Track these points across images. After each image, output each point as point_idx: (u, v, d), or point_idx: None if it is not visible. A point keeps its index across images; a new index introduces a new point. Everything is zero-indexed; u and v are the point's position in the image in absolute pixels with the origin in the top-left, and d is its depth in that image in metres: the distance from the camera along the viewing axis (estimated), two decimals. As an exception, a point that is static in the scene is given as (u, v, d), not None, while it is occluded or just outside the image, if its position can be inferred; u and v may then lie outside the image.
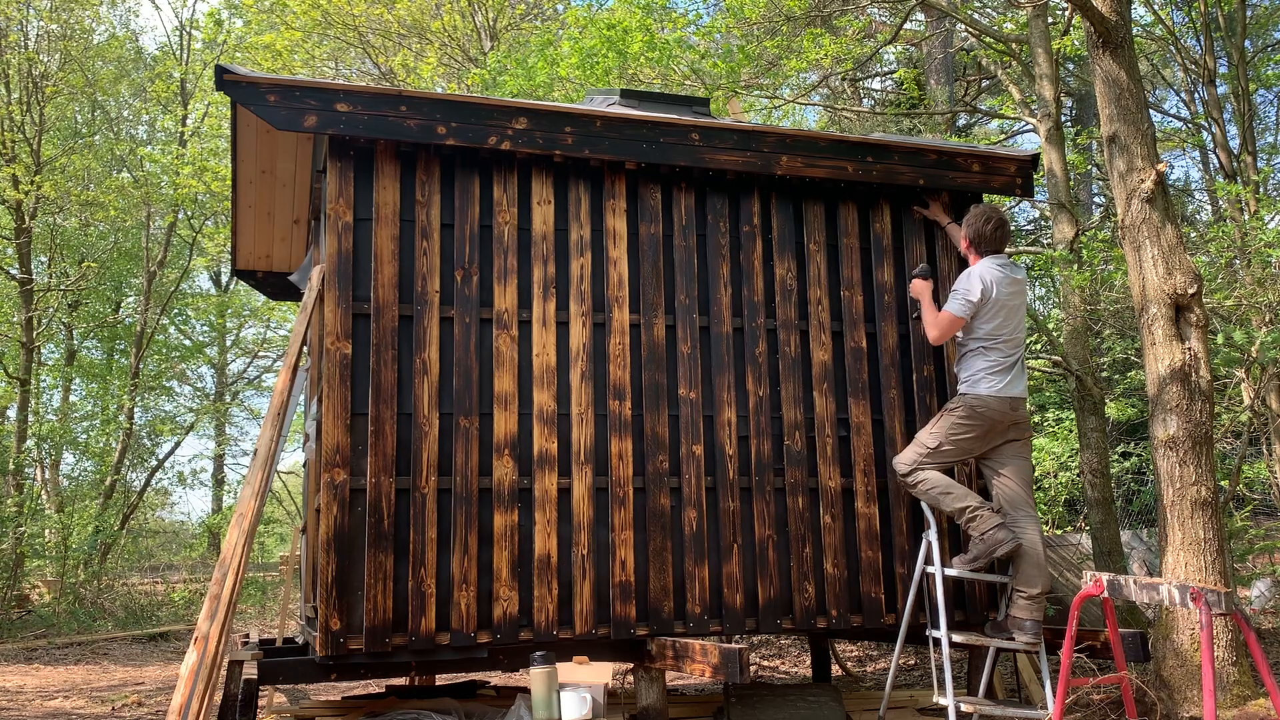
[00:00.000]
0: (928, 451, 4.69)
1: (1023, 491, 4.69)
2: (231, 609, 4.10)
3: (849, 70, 10.80)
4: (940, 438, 4.67)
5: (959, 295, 4.71)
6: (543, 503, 4.50)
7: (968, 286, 4.70)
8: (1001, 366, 4.66)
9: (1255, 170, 8.72)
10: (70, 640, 10.43)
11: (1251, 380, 7.23)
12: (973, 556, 4.57)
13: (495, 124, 4.61)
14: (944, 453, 4.68)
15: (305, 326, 4.76)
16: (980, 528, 4.52)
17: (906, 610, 4.69)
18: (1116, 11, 5.05)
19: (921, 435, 4.77)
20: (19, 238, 13.87)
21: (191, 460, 31.47)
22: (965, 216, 4.95)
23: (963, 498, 4.59)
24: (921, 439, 4.75)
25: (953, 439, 4.66)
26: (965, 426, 4.64)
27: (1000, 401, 4.62)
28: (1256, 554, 7.76)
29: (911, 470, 4.72)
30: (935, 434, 4.70)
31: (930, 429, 4.74)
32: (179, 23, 28.66)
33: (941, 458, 4.69)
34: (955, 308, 4.70)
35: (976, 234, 4.84)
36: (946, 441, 4.66)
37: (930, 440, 4.70)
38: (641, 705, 4.52)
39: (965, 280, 4.74)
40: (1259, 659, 3.36)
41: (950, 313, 4.72)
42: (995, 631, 4.62)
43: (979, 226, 4.83)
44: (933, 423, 4.76)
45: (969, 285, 4.70)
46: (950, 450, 4.68)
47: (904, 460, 4.77)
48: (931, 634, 4.58)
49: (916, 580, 4.67)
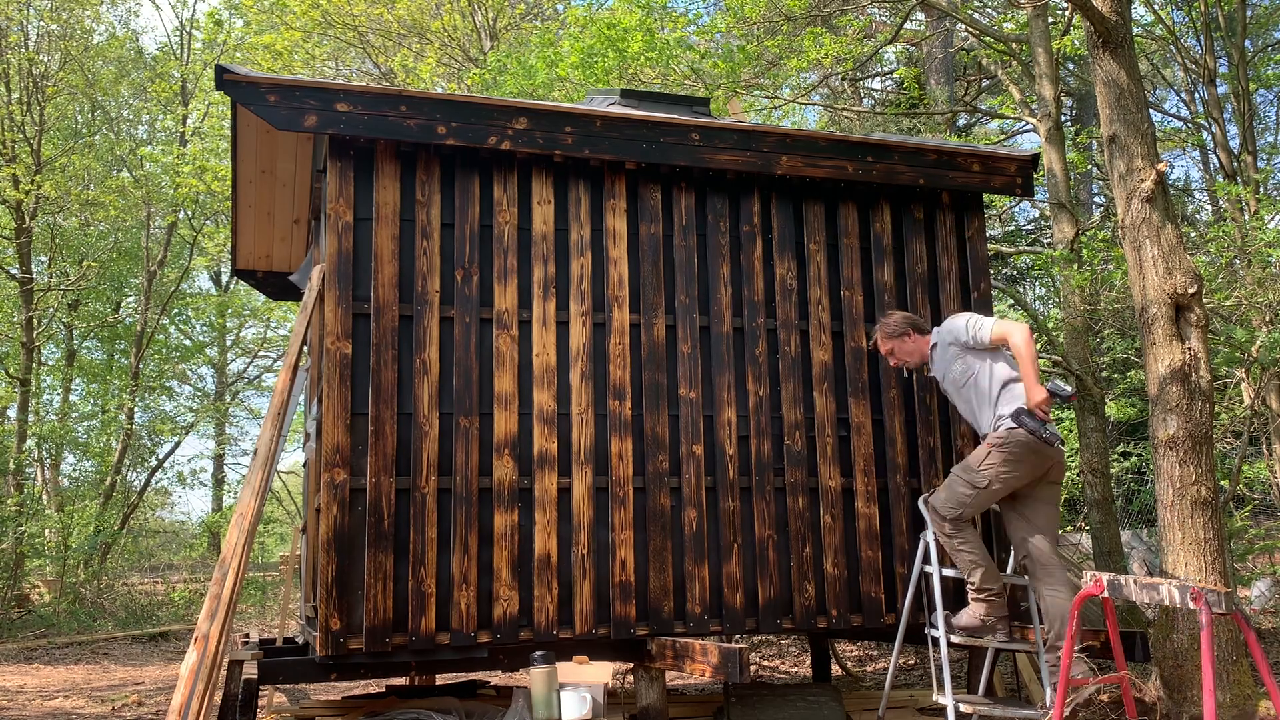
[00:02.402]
0: (976, 493, 4.35)
1: (1052, 545, 4.42)
2: (231, 609, 4.10)
3: (849, 70, 10.79)
4: (991, 477, 4.32)
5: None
6: (543, 502, 4.50)
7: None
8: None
9: (1255, 170, 8.72)
10: (70, 640, 10.43)
11: (1251, 380, 7.23)
12: (965, 628, 4.42)
13: (495, 124, 4.61)
14: (993, 492, 4.36)
15: (305, 326, 4.76)
16: (991, 613, 4.37)
17: (905, 609, 4.68)
18: (1116, 11, 5.05)
19: (966, 475, 4.40)
20: (19, 237, 13.87)
21: (191, 460, 31.49)
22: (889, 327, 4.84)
23: (991, 579, 4.38)
24: (969, 479, 4.38)
25: (1003, 477, 4.33)
26: (1015, 463, 4.32)
27: (1052, 436, 4.35)
28: (1256, 554, 7.76)
29: (958, 516, 4.40)
30: (985, 473, 4.34)
31: (978, 467, 4.36)
32: (179, 23, 28.67)
33: (990, 497, 4.39)
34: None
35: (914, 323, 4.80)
36: (996, 480, 4.33)
37: (981, 480, 4.34)
38: (641, 705, 4.52)
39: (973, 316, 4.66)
40: (1259, 659, 3.36)
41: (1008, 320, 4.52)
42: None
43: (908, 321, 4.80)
44: (979, 460, 4.38)
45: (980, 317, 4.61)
46: (999, 489, 4.36)
47: (950, 504, 4.41)
48: (930, 633, 4.55)
49: (915, 580, 4.67)
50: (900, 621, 4.69)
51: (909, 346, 4.77)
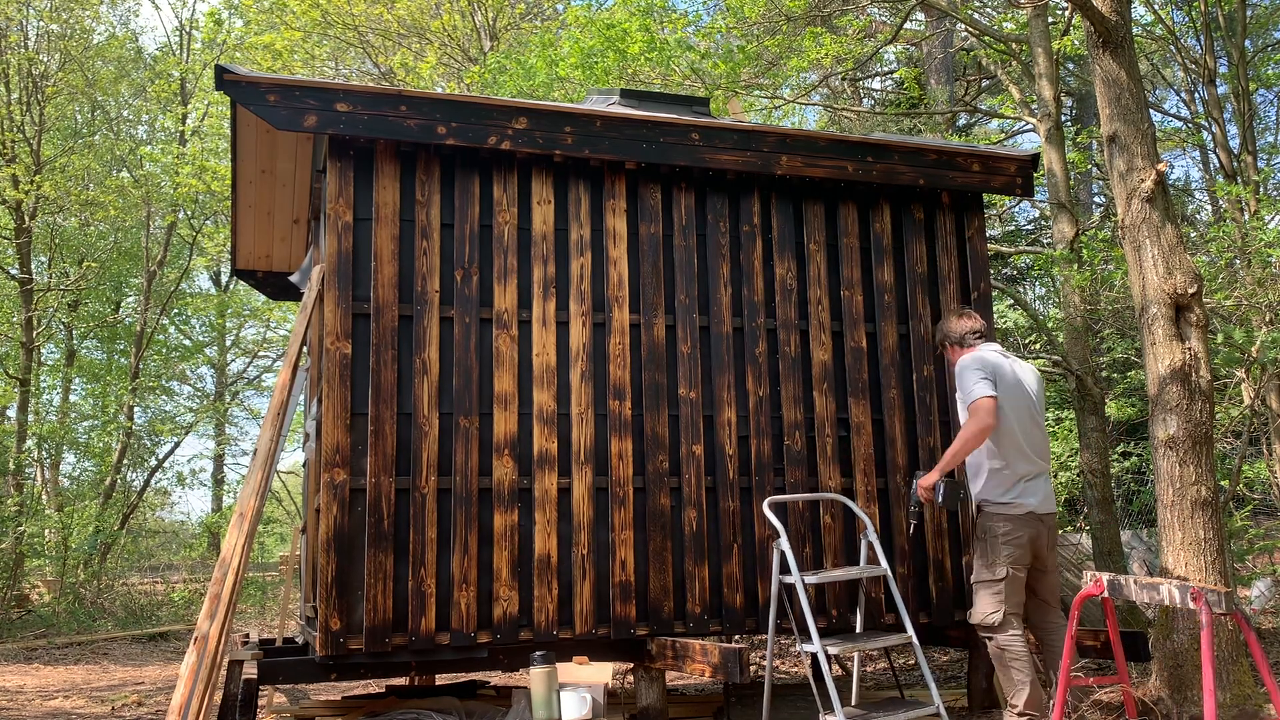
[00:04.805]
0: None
1: (1053, 598, 4.45)
2: (231, 609, 4.10)
3: (849, 70, 10.79)
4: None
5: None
6: (543, 503, 4.50)
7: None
8: None
9: (1255, 170, 8.72)
10: (70, 640, 10.42)
11: (1251, 380, 7.23)
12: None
13: (495, 124, 4.61)
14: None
15: (305, 326, 4.76)
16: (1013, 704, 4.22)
17: (771, 619, 4.42)
18: (1116, 11, 5.05)
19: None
20: (19, 238, 13.86)
21: (191, 460, 31.49)
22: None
23: (1036, 705, 4.16)
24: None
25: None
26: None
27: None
28: (1256, 554, 7.76)
29: (1005, 621, 4.22)
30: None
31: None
32: (179, 23, 28.67)
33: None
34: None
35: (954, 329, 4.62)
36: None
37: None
38: (641, 705, 4.52)
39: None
40: (1259, 659, 3.36)
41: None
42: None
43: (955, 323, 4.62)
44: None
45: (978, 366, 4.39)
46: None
47: (998, 612, 4.23)
48: (803, 649, 4.19)
49: (775, 593, 4.35)
50: (769, 627, 4.37)
51: (951, 358, 4.70)
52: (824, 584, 4.79)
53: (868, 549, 4.57)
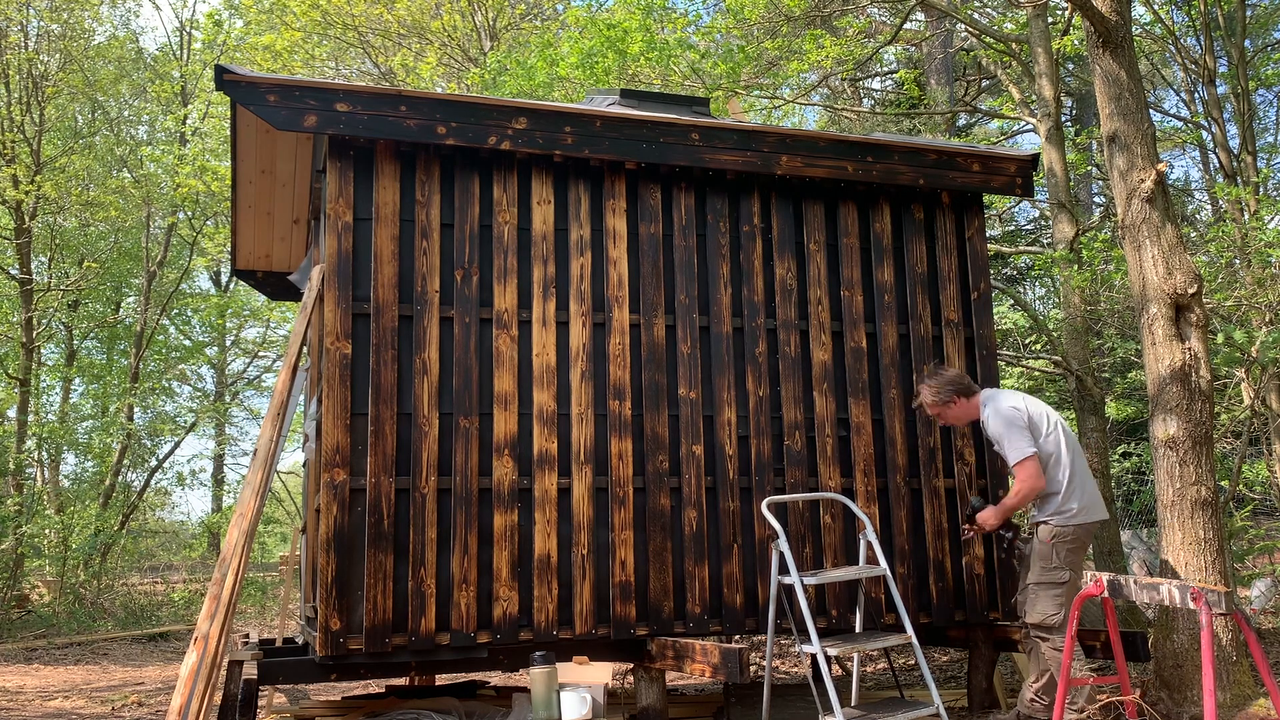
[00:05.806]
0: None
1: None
2: (231, 609, 4.10)
3: (849, 71, 10.79)
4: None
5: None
6: (543, 503, 4.50)
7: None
8: None
9: (1255, 170, 8.72)
10: (70, 640, 10.42)
11: (1251, 380, 7.23)
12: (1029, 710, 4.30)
13: (495, 124, 4.61)
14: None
15: (305, 326, 4.76)
16: (1039, 698, 4.25)
17: (770, 621, 4.40)
18: (1116, 11, 5.05)
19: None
20: (19, 238, 13.86)
21: (191, 460, 31.44)
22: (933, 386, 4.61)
23: (1046, 690, 4.24)
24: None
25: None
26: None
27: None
28: (1256, 554, 7.76)
29: (1064, 623, 4.23)
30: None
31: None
32: (179, 23, 28.69)
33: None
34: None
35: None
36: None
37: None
38: (641, 705, 4.51)
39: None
40: (1259, 659, 3.35)
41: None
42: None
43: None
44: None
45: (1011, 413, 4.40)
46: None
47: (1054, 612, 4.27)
48: (803, 649, 4.15)
49: (774, 594, 4.35)
50: (769, 628, 4.38)
51: (956, 412, 4.60)
52: (824, 584, 4.78)
53: (867, 549, 4.57)
